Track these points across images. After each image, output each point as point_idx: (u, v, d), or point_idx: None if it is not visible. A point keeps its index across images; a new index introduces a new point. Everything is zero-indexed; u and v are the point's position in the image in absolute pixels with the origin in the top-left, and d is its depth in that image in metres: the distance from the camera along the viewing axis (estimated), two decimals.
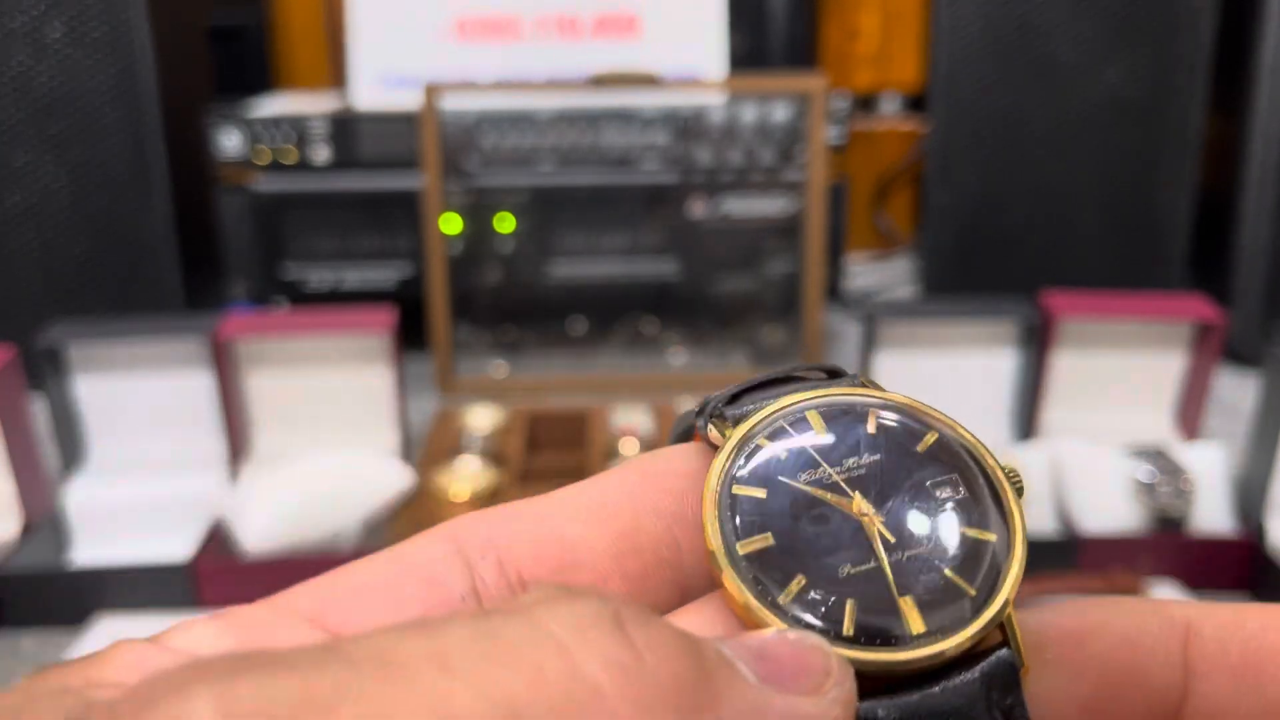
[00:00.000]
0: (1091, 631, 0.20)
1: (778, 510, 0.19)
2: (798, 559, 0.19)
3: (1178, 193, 1.09)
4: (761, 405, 0.21)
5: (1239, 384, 1.03)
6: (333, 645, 0.14)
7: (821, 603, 0.18)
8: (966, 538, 0.19)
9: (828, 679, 0.17)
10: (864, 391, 0.21)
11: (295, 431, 0.86)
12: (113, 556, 0.75)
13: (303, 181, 1.10)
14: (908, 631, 0.18)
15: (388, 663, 0.14)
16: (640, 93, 1.06)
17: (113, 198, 1.02)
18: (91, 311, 1.02)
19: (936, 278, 1.15)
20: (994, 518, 0.20)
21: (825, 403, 0.21)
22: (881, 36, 1.50)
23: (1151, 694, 0.19)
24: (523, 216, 1.09)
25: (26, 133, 1.00)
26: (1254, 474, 0.76)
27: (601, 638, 0.15)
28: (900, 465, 0.20)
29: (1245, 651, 0.19)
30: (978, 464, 0.20)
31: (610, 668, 0.15)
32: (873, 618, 0.18)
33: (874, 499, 0.20)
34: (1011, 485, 0.20)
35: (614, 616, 0.16)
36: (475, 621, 0.15)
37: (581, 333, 1.12)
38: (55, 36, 0.99)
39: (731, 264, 1.10)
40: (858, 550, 0.19)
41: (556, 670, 0.14)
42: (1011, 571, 0.19)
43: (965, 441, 0.21)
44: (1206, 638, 0.19)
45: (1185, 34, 1.05)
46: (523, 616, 0.15)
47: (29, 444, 0.77)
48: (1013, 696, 0.19)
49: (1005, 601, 0.19)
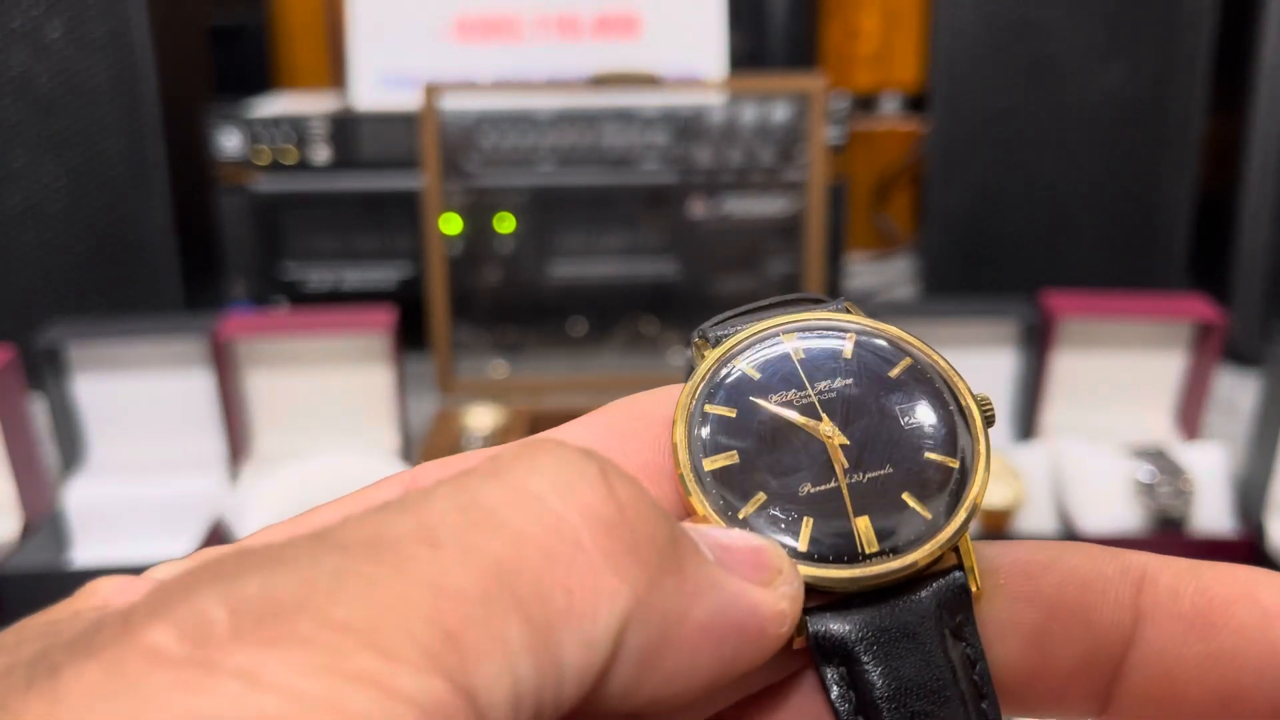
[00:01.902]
0: (1045, 565, 0.20)
1: (745, 429, 0.20)
2: (760, 477, 0.20)
3: (1178, 193, 1.09)
4: (742, 328, 0.22)
5: (1239, 384, 1.03)
6: (323, 533, 0.15)
7: (781, 519, 0.19)
8: (929, 462, 0.20)
9: (778, 575, 0.18)
10: (844, 317, 0.22)
11: (295, 431, 0.86)
12: (113, 556, 0.75)
13: (303, 181, 1.10)
14: (861, 550, 0.19)
15: (379, 544, 0.15)
16: (640, 93, 1.06)
17: (113, 198, 1.02)
18: (91, 311, 1.02)
19: (936, 278, 1.15)
20: (961, 444, 0.20)
21: (803, 326, 0.22)
22: (881, 36, 1.50)
23: (1098, 632, 0.20)
24: (523, 216, 1.09)
25: (26, 133, 1.00)
26: (1254, 474, 0.76)
27: (586, 490, 0.16)
28: (871, 390, 0.21)
29: (1197, 601, 0.20)
30: (950, 391, 0.21)
31: (591, 519, 0.16)
32: (828, 535, 0.19)
33: (841, 421, 0.20)
34: (982, 414, 0.21)
35: (599, 470, 0.16)
36: (457, 492, 0.16)
37: (581, 333, 1.12)
38: (55, 36, 0.99)
39: (731, 264, 1.10)
40: (820, 470, 0.20)
41: (538, 529, 0.15)
42: (969, 497, 0.20)
43: (939, 368, 0.21)
44: (1161, 585, 0.20)
45: (1185, 34, 1.05)
46: (503, 478, 0.16)
47: (29, 444, 0.77)
48: (962, 615, 0.19)
49: (962, 524, 0.19)
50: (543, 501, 0.16)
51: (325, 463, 0.80)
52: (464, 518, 0.15)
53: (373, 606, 0.14)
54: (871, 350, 0.21)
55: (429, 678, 0.13)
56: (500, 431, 0.90)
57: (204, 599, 0.14)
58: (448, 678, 0.14)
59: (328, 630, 0.13)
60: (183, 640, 0.13)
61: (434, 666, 0.13)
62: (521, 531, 0.15)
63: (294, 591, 0.14)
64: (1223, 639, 0.19)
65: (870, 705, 0.19)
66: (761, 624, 0.18)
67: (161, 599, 0.14)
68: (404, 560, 0.14)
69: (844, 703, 0.19)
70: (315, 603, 0.14)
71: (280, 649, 0.13)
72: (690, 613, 0.17)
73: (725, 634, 0.17)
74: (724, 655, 0.17)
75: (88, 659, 0.13)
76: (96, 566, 0.73)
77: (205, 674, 0.13)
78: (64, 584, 0.69)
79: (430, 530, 0.15)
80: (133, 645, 0.13)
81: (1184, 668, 0.19)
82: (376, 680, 0.13)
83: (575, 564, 0.15)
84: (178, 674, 0.13)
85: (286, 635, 0.13)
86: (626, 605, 0.16)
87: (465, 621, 0.14)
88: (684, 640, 0.16)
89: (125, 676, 0.13)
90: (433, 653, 0.14)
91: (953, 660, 0.19)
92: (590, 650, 0.15)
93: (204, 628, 0.13)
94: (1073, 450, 0.80)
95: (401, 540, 0.15)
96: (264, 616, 0.13)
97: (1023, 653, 0.20)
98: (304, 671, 0.13)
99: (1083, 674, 0.20)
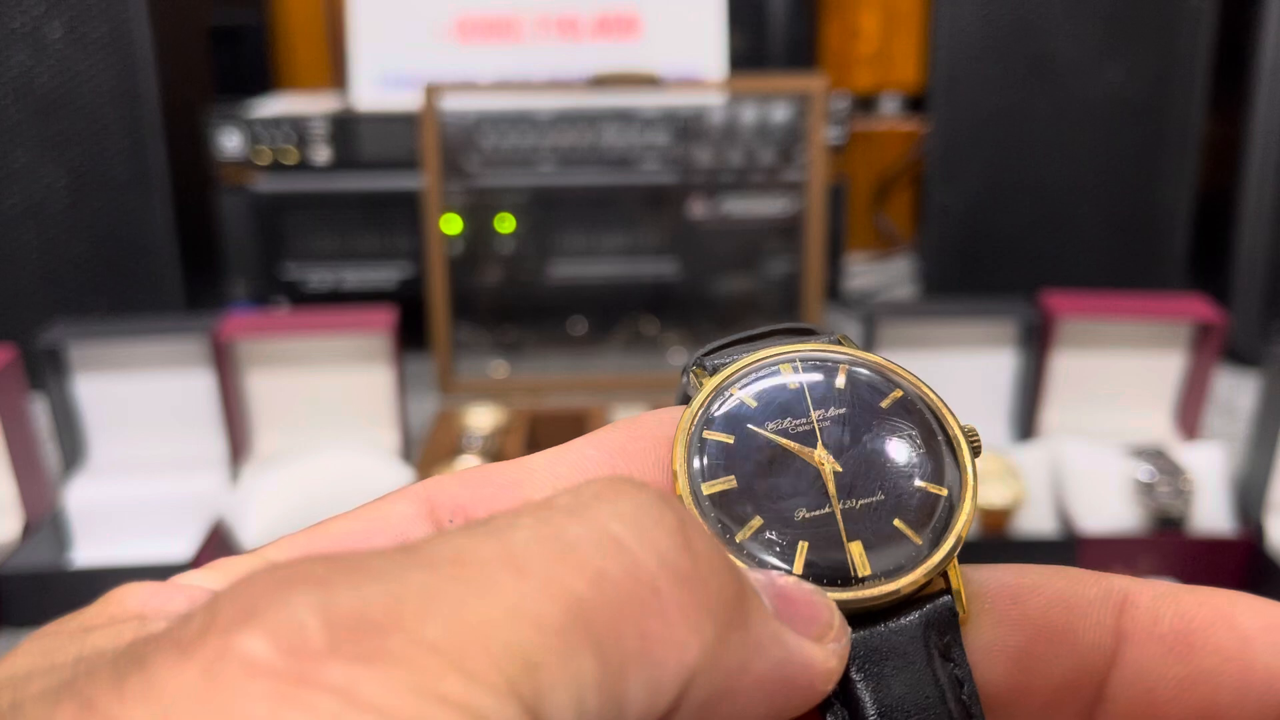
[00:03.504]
0: (1029, 589, 0.21)
1: (743, 455, 0.21)
2: (757, 501, 0.20)
3: (1177, 193, 1.09)
4: (738, 357, 0.22)
5: (1239, 384, 1.03)
6: (409, 549, 0.15)
7: (776, 543, 0.20)
8: (919, 490, 0.21)
9: (830, 630, 0.19)
10: (837, 349, 0.23)
11: (295, 431, 0.86)
12: (113, 556, 0.75)
13: (303, 182, 1.10)
14: (854, 573, 0.20)
15: (465, 565, 0.15)
16: (640, 93, 1.06)
17: (113, 198, 1.02)
18: (92, 311, 1.02)
19: (936, 278, 1.15)
20: (948, 474, 0.21)
21: (798, 357, 0.22)
22: (881, 36, 1.50)
23: (1081, 653, 0.20)
24: (523, 217, 1.09)
25: (27, 133, 1.00)
26: (1254, 474, 0.76)
27: (663, 538, 0.16)
28: (863, 419, 0.21)
29: (1177, 623, 0.20)
30: (938, 422, 0.22)
31: (667, 570, 0.16)
32: (822, 559, 0.20)
33: (835, 449, 0.21)
34: (969, 444, 0.21)
35: (677, 519, 0.17)
36: (540, 523, 0.16)
37: (581, 333, 1.12)
38: (55, 36, 0.99)
39: (731, 264, 1.10)
40: (814, 496, 0.20)
41: (618, 571, 0.16)
42: (958, 524, 0.20)
43: (928, 400, 0.22)
44: (1141, 607, 0.20)
45: (1185, 34, 1.05)
46: (585, 515, 0.16)
47: (30, 444, 0.77)
48: (950, 637, 0.20)
49: (949, 551, 0.20)
50: (623, 545, 0.16)
51: (325, 462, 0.80)
52: (548, 550, 0.15)
53: (460, 628, 0.14)
54: (863, 381, 0.22)
55: (508, 703, 0.14)
56: (500, 431, 0.90)
57: (297, 607, 0.14)
58: (523, 704, 0.14)
59: (419, 650, 0.14)
60: (279, 651, 0.13)
61: (512, 692, 0.14)
62: (603, 571, 0.15)
63: (386, 606, 0.14)
64: (1201, 660, 0.20)
65: None
66: (812, 680, 0.18)
67: (251, 601, 0.14)
68: (490, 584, 0.15)
69: None
70: (406, 621, 0.14)
71: (374, 667, 0.13)
72: (751, 666, 0.17)
73: (778, 688, 0.18)
74: (774, 707, 0.18)
75: (182, 660, 0.13)
76: (97, 566, 0.73)
77: (303, 688, 0.13)
78: (64, 584, 0.69)
79: (515, 558, 0.15)
80: (228, 650, 0.13)
81: (1164, 688, 0.20)
82: (462, 703, 0.13)
83: (650, 610, 0.16)
84: (275, 686, 0.13)
85: (380, 652, 0.13)
86: (696, 659, 0.16)
87: (544, 651, 0.14)
88: (741, 693, 0.17)
89: (222, 683, 0.13)
90: (512, 678, 0.14)
91: (941, 680, 0.20)
92: (655, 696, 0.15)
93: (299, 638, 0.13)
94: (1072, 450, 0.80)
95: (488, 563, 0.15)
96: (357, 631, 0.14)
97: (1009, 673, 0.21)
98: (397, 691, 0.13)
99: (1067, 694, 0.21)
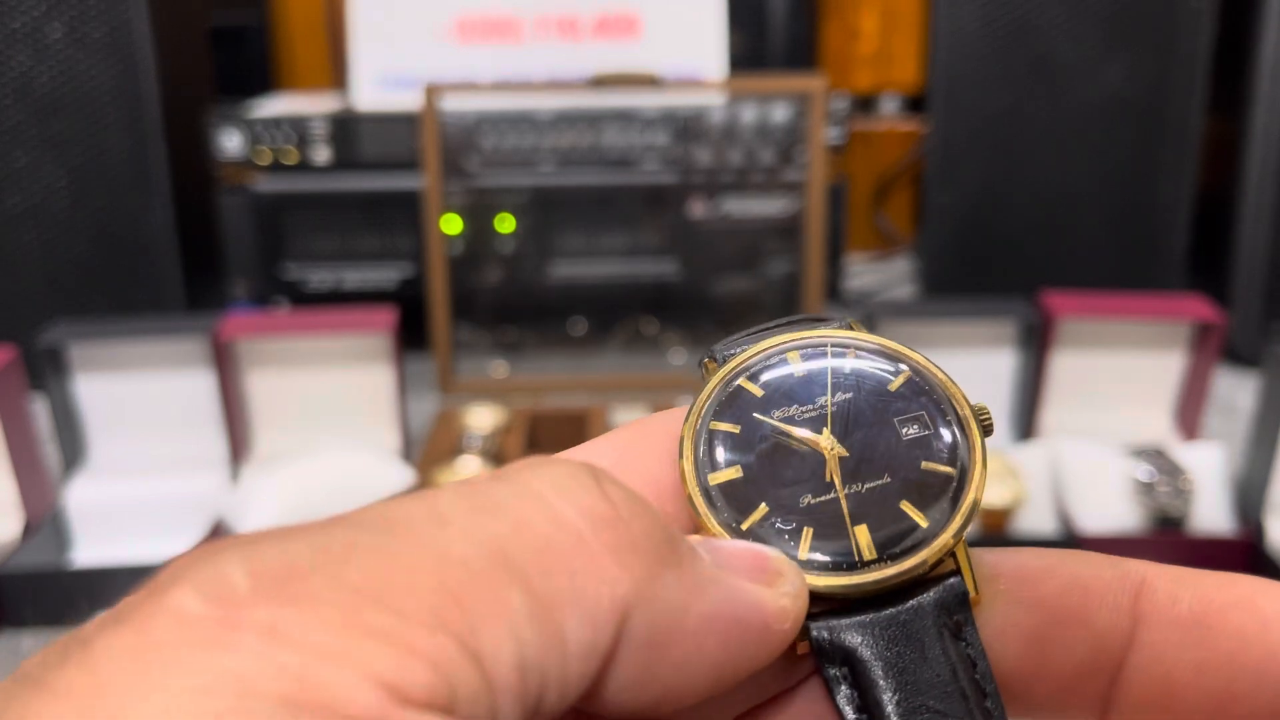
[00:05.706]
0: (1045, 570, 0.21)
1: (749, 445, 0.21)
2: (762, 489, 0.20)
3: (1177, 193, 1.09)
4: (746, 346, 0.22)
5: (1239, 384, 1.03)
6: (336, 516, 0.16)
7: (782, 529, 0.20)
8: (926, 471, 0.21)
9: (780, 577, 0.19)
10: (846, 334, 0.23)
11: (295, 431, 0.86)
12: (113, 556, 0.75)
13: (303, 182, 1.10)
14: (860, 557, 0.20)
15: (390, 521, 0.16)
16: (640, 93, 1.06)
17: (113, 198, 1.02)
18: (92, 311, 1.02)
19: (936, 278, 1.15)
20: (957, 454, 0.21)
21: (806, 343, 0.22)
22: (881, 37, 1.50)
23: (1097, 636, 0.20)
24: (523, 217, 1.09)
25: (27, 133, 1.00)
26: (1254, 474, 0.76)
27: (582, 493, 0.17)
28: (870, 402, 0.21)
29: (1194, 606, 0.20)
30: (949, 402, 0.21)
31: (589, 516, 0.17)
32: (827, 544, 0.20)
33: (840, 434, 0.21)
34: (979, 423, 0.21)
35: (593, 476, 0.17)
36: (465, 485, 0.17)
37: (581, 333, 1.12)
38: (55, 37, 0.99)
39: (731, 264, 1.10)
40: (819, 482, 0.20)
41: (541, 519, 0.16)
42: (965, 505, 0.20)
43: (938, 380, 0.22)
44: (1159, 591, 0.20)
45: (1185, 34, 1.05)
46: (508, 479, 0.17)
47: (30, 444, 0.77)
48: (961, 616, 0.20)
49: (956, 531, 0.20)
50: (543, 498, 0.17)
51: (325, 462, 0.80)
52: (470, 504, 0.16)
53: (383, 571, 0.15)
54: (871, 364, 0.22)
55: (438, 634, 0.14)
56: (500, 431, 0.90)
57: (224, 564, 0.15)
58: (455, 637, 0.14)
59: (342, 590, 0.14)
60: (206, 601, 0.14)
61: (442, 626, 0.14)
62: (525, 519, 0.16)
63: (309, 557, 0.15)
64: (1220, 643, 0.20)
65: (874, 702, 0.19)
66: (765, 619, 0.18)
67: (183, 566, 0.15)
68: (413, 534, 0.15)
69: (848, 701, 0.19)
70: (330, 567, 0.15)
71: (298, 606, 0.14)
72: (692, 605, 0.17)
73: (729, 628, 0.18)
74: (729, 650, 0.18)
75: (118, 626, 0.14)
76: (97, 566, 0.73)
77: (228, 630, 0.14)
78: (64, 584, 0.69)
79: (438, 512, 0.16)
80: (159, 608, 0.14)
81: (1182, 672, 0.20)
82: (390, 635, 0.14)
83: (577, 551, 0.16)
84: (202, 632, 0.14)
85: (304, 594, 0.14)
86: (628, 590, 0.16)
87: (470, 587, 0.15)
88: (688, 632, 0.17)
89: (152, 637, 0.14)
90: (440, 613, 0.14)
91: (953, 658, 0.19)
92: (594, 629, 0.16)
93: (226, 588, 0.14)
94: (1072, 450, 0.80)
95: (410, 518, 0.16)
96: (281, 578, 0.14)
97: (1024, 656, 0.20)
98: (321, 627, 0.14)
99: (1083, 677, 0.20)
